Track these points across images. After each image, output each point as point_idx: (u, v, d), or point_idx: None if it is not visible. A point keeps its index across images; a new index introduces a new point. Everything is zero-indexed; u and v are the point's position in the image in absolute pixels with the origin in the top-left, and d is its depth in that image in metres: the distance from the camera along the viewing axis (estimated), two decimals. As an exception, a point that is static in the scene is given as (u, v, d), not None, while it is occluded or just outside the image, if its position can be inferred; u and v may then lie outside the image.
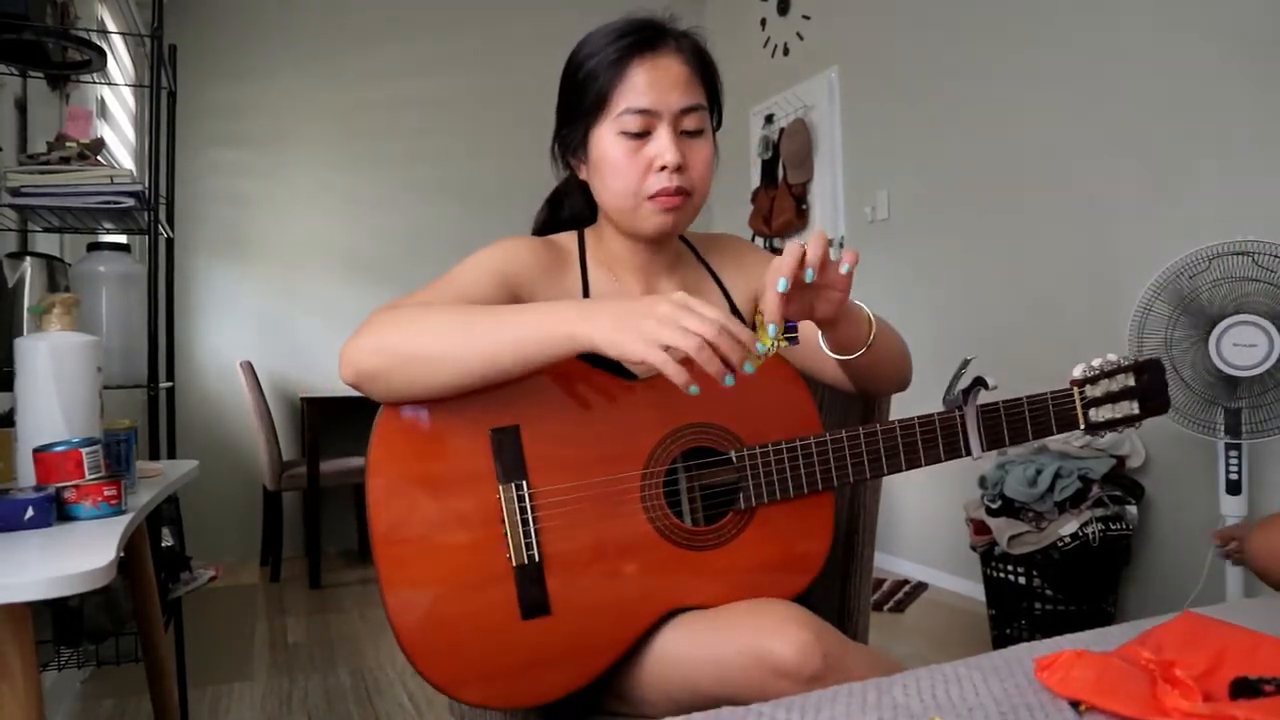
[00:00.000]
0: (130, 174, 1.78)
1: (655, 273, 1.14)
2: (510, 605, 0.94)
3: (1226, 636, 0.81)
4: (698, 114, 1.04)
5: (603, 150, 1.04)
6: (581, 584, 0.96)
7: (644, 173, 1.03)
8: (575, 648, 0.95)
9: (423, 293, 0.99)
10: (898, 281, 3.58)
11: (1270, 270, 2.01)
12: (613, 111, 1.02)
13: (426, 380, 0.91)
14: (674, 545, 0.99)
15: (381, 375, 0.91)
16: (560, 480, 0.97)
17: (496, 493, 0.95)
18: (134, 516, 1.07)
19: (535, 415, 0.97)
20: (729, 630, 0.91)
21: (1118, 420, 1.10)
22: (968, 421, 1.05)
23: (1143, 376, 1.10)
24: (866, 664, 0.90)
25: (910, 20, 3.49)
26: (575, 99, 1.06)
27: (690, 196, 1.05)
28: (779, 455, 1.02)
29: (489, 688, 0.93)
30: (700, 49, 1.08)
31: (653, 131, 1.02)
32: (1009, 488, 2.52)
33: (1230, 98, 2.38)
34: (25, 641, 0.84)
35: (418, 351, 0.90)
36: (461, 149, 4.49)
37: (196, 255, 4.05)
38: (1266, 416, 2.06)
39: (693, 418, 1.02)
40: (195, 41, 3.94)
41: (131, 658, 1.85)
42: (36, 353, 1.14)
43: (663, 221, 1.04)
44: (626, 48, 1.02)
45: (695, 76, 1.05)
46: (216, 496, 3.93)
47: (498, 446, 0.95)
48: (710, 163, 1.06)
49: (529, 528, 0.95)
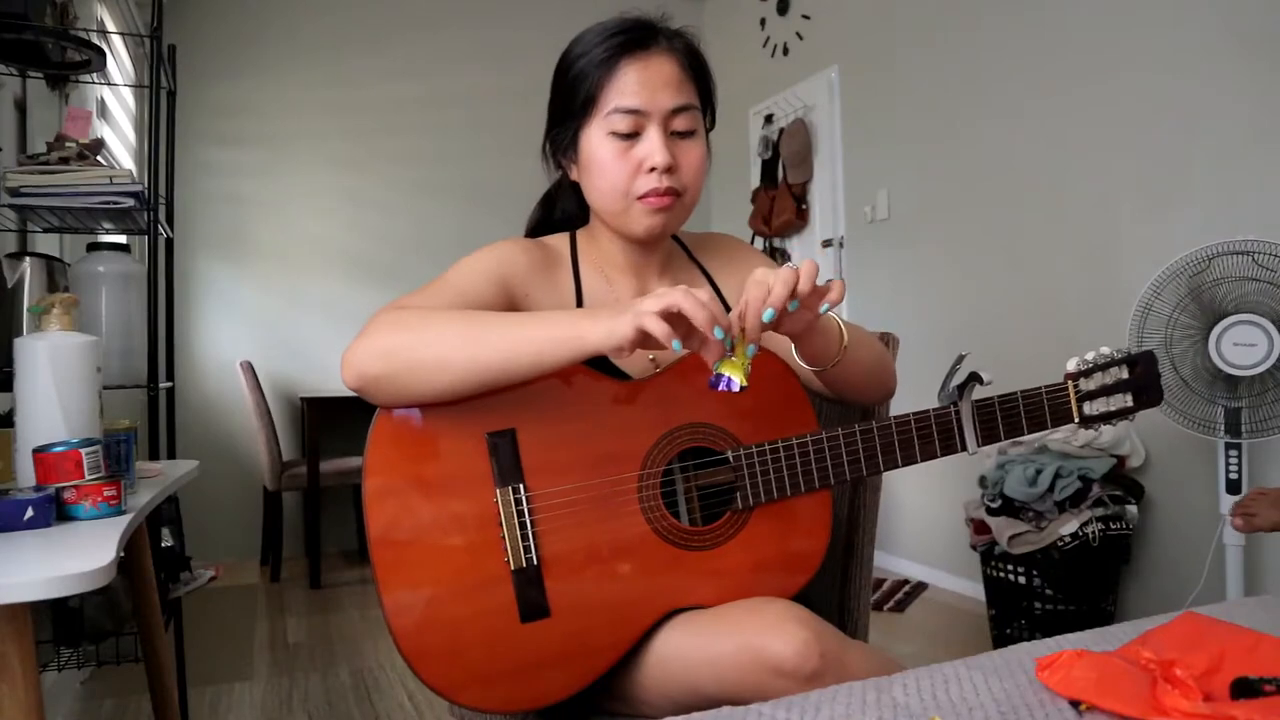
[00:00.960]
0: (130, 174, 1.78)
1: (648, 273, 1.13)
2: (509, 608, 0.94)
3: (1226, 636, 0.81)
4: (689, 114, 1.03)
5: (592, 150, 1.04)
6: (580, 586, 0.95)
7: (633, 173, 1.02)
8: (574, 650, 0.95)
9: (418, 295, 0.99)
10: (898, 281, 3.58)
11: (1270, 270, 2.01)
12: (602, 111, 1.02)
13: (430, 386, 0.91)
14: (672, 546, 0.99)
15: (386, 380, 0.91)
16: (557, 483, 0.97)
17: (494, 496, 0.95)
18: (134, 516, 1.07)
19: (531, 418, 0.97)
20: (727, 629, 0.91)
21: (1112, 413, 1.09)
22: (963, 417, 1.05)
23: (1136, 369, 1.09)
24: (866, 662, 0.90)
25: (910, 20, 3.49)
26: (565, 99, 1.06)
27: (681, 197, 1.04)
28: (775, 454, 1.02)
29: (488, 691, 0.93)
30: (693, 48, 1.08)
31: (642, 132, 1.02)
32: (1009, 487, 2.52)
33: (1230, 98, 2.38)
34: (25, 641, 0.84)
35: (425, 358, 0.90)
36: (462, 149, 4.49)
37: (196, 255, 4.05)
38: (1266, 416, 2.06)
39: (689, 418, 1.02)
40: (195, 41, 3.93)
41: (131, 658, 1.85)
42: (36, 353, 1.14)
43: (653, 223, 1.04)
44: (616, 47, 1.02)
45: (687, 76, 1.04)
46: (216, 496, 3.93)
47: (494, 450, 0.95)
48: (701, 163, 1.05)
49: (527, 530, 0.95)
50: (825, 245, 3.97)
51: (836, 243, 3.90)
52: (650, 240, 1.09)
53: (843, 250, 3.89)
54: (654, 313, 0.83)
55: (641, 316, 0.83)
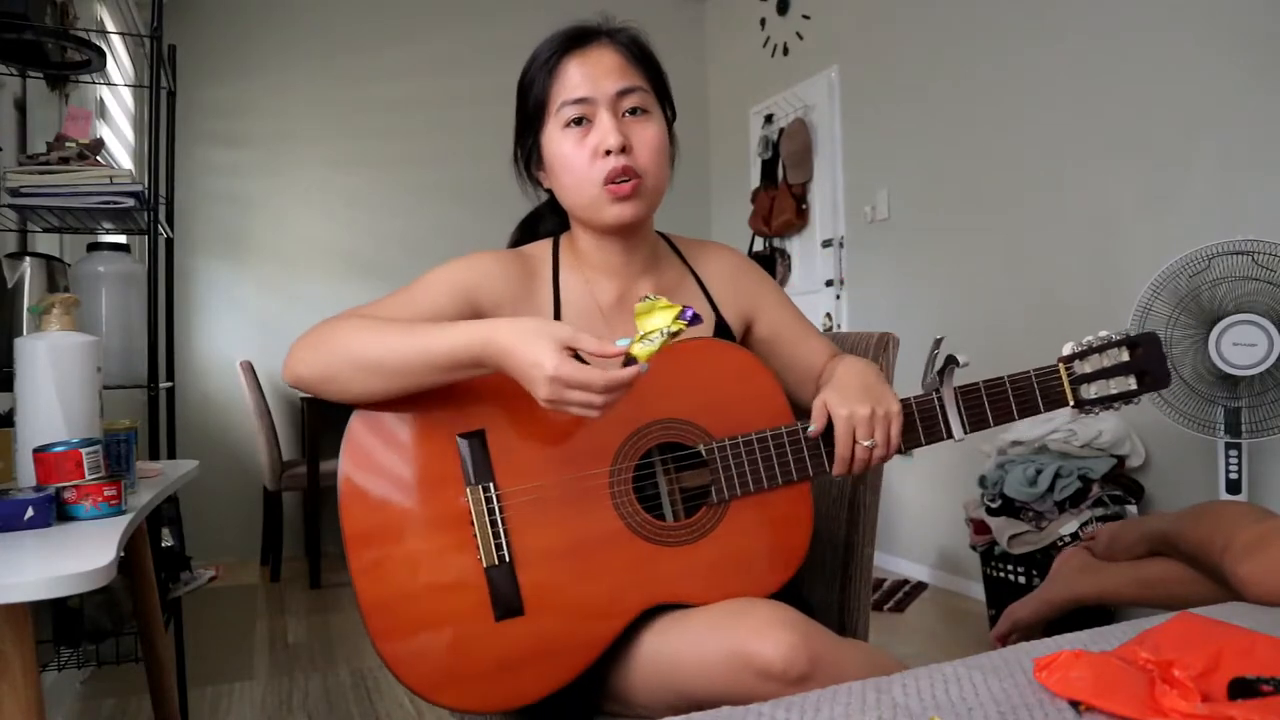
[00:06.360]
0: (130, 174, 1.78)
1: (631, 274, 1.12)
2: (484, 607, 0.94)
3: (1224, 637, 0.81)
4: (636, 94, 1.05)
5: (552, 149, 1.06)
6: (554, 583, 0.96)
7: (591, 160, 1.03)
8: (551, 648, 0.95)
9: (376, 304, 1.04)
10: (898, 281, 3.58)
11: (1270, 270, 2.01)
12: (553, 110, 1.05)
13: (351, 392, 0.97)
14: (646, 541, 0.98)
15: (314, 385, 0.98)
16: (528, 480, 0.97)
17: (464, 495, 0.95)
18: (134, 516, 1.07)
19: (502, 418, 0.98)
20: (715, 632, 0.91)
21: (1113, 396, 1.06)
22: (945, 403, 1.04)
23: (1137, 350, 1.06)
24: (859, 662, 0.89)
25: (910, 20, 3.49)
26: (522, 110, 1.10)
27: (643, 180, 1.04)
28: (749, 446, 1.01)
29: (466, 690, 0.93)
30: (637, 40, 1.09)
31: (594, 119, 1.03)
32: (1009, 487, 2.52)
33: (1230, 98, 2.38)
34: (25, 641, 0.84)
35: (341, 370, 0.96)
36: (461, 149, 4.48)
37: (196, 255, 4.05)
38: (1266, 416, 2.06)
39: (659, 414, 1.01)
40: (195, 41, 3.93)
41: (131, 658, 1.85)
42: (36, 353, 1.14)
43: (620, 211, 1.04)
44: (559, 50, 1.05)
45: (631, 63, 1.06)
46: (216, 496, 3.93)
47: (464, 450, 0.96)
48: (657, 142, 1.05)
49: (498, 529, 0.95)
50: (825, 245, 3.98)
51: (836, 243, 3.90)
52: (623, 231, 1.08)
53: (843, 250, 3.89)
54: (560, 376, 0.86)
55: (547, 401, 0.88)
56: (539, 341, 0.87)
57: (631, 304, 1.10)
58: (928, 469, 3.42)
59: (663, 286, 1.13)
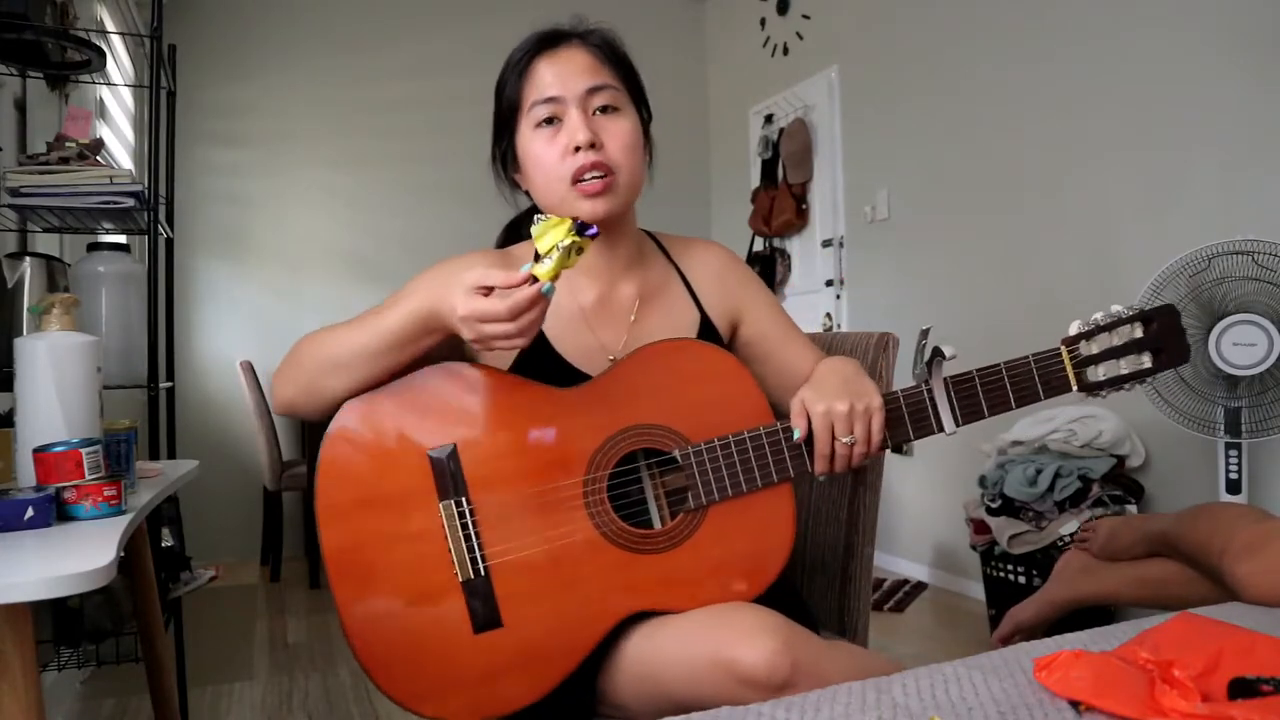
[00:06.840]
0: (130, 174, 1.78)
1: (613, 273, 1.11)
2: (462, 620, 0.94)
3: (1224, 636, 0.81)
4: (607, 92, 1.05)
5: (525, 149, 1.06)
6: (531, 594, 0.96)
7: (562, 157, 1.03)
8: (530, 658, 0.95)
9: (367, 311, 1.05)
10: (898, 281, 3.58)
11: (1270, 270, 2.01)
12: (525, 110, 1.05)
13: (335, 393, 0.98)
14: (621, 549, 0.98)
15: (301, 403, 1.01)
16: (501, 493, 0.97)
17: (438, 510, 0.95)
18: (134, 516, 1.07)
19: (474, 432, 0.98)
20: (698, 639, 0.90)
21: (1125, 377, 1.00)
22: (935, 395, 1.00)
23: (1151, 325, 1.00)
24: (844, 666, 0.89)
25: (910, 20, 3.49)
26: (497, 113, 1.11)
27: (616, 176, 1.03)
28: (727, 449, 1.00)
29: (448, 701, 0.93)
30: (609, 40, 1.09)
31: (564, 118, 1.04)
32: (1009, 487, 2.52)
33: (1230, 98, 2.38)
34: (25, 641, 0.84)
35: (315, 377, 0.99)
36: (461, 149, 4.45)
37: (196, 255, 4.05)
38: (1266, 416, 2.06)
39: (633, 420, 1.00)
40: (195, 41, 3.93)
41: (131, 658, 1.85)
42: (36, 353, 1.14)
43: (593, 207, 1.03)
44: (530, 51, 1.06)
45: (602, 62, 1.06)
46: (216, 496, 3.93)
47: (436, 466, 0.96)
48: (630, 138, 1.05)
49: (472, 542, 0.95)
50: (825, 245, 3.98)
51: (836, 243, 3.90)
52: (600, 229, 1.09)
53: (843, 250, 3.89)
54: (469, 314, 0.89)
55: (463, 320, 0.90)
56: (452, 291, 0.90)
57: (613, 304, 1.10)
58: (927, 469, 3.42)
59: (646, 286, 1.12)
